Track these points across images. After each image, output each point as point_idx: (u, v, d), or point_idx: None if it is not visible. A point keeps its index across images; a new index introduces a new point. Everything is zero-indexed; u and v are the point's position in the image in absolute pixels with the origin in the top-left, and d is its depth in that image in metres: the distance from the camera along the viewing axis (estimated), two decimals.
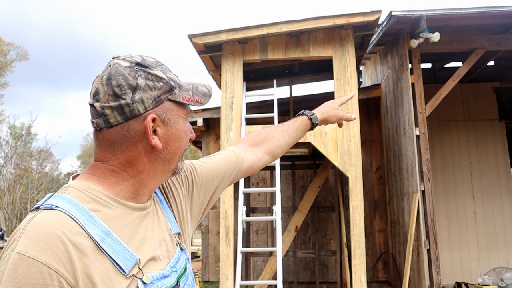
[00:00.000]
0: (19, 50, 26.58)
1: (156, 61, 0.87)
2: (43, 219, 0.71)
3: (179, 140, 0.88)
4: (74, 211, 0.74)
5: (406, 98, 5.62)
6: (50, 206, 0.73)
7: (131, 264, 0.76)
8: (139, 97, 0.81)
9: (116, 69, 0.82)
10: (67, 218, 0.72)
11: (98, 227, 0.75)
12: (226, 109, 5.37)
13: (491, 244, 6.82)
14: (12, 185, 17.89)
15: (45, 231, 0.69)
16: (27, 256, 0.66)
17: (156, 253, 0.84)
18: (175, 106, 0.86)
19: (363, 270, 4.82)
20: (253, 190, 6.20)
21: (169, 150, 0.86)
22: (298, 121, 1.28)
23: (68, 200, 0.75)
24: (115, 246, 0.75)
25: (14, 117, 37.48)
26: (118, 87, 0.81)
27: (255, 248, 6.62)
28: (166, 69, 0.87)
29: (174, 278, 0.85)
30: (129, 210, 0.83)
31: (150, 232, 0.86)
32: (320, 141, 5.14)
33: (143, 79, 0.82)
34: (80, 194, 0.78)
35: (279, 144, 1.24)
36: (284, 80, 7.56)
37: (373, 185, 7.42)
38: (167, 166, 0.88)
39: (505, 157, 7.14)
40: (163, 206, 0.96)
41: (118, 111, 0.81)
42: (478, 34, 5.57)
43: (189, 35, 5.36)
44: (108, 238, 0.75)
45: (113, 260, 0.74)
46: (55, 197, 0.76)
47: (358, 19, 5.22)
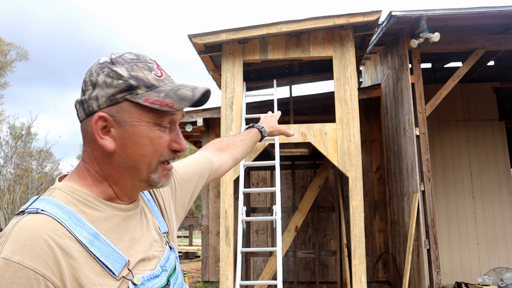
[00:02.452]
0: (19, 50, 26.58)
1: (136, 58, 0.81)
2: (28, 223, 0.69)
3: (140, 147, 0.79)
4: (61, 214, 0.72)
5: (406, 98, 5.62)
6: (36, 210, 0.71)
7: (121, 266, 0.76)
8: (95, 94, 0.78)
9: (92, 65, 0.81)
10: (53, 221, 0.70)
11: (86, 230, 0.73)
12: (226, 109, 5.37)
13: (491, 244, 6.82)
14: (12, 185, 17.89)
15: (30, 235, 0.67)
16: (13, 261, 0.64)
17: (146, 253, 0.83)
18: (135, 108, 0.78)
19: (363, 270, 4.81)
20: (253, 190, 6.20)
21: (128, 155, 0.79)
22: (251, 132, 1.43)
23: (54, 203, 0.73)
24: (104, 249, 0.74)
25: (14, 117, 37.49)
26: (84, 82, 0.81)
27: (255, 248, 6.62)
28: (138, 68, 0.80)
29: (165, 277, 0.85)
30: (115, 211, 0.81)
31: (139, 233, 0.85)
32: (320, 141, 5.14)
33: (104, 75, 0.78)
34: (66, 196, 0.76)
35: (239, 151, 1.36)
36: (284, 80, 7.56)
37: (373, 185, 7.42)
38: (133, 173, 0.80)
39: (505, 157, 7.14)
40: (151, 205, 0.96)
41: (82, 106, 0.80)
42: (478, 34, 5.57)
43: (189, 35, 5.36)
44: (96, 241, 0.74)
45: (102, 263, 0.73)
46: (41, 200, 0.74)
47: (358, 19, 5.22)
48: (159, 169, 0.82)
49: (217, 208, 7.40)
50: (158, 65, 0.85)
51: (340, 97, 5.22)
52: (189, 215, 12.96)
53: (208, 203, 7.69)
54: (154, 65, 0.83)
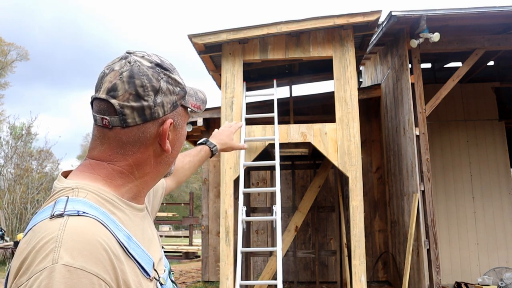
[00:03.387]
0: (19, 50, 26.60)
1: (170, 63, 0.87)
2: (78, 227, 0.66)
3: (181, 144, 0.89)
4: (100, 217, 0.71)
5: (406, 98, 5.62)
6: (77, 212, 0.69)
7: (150, 266, 0.77)
8: (161, 100, 0.80)
9: (138, 67, 0.79)
10: (100, 224, 0.69)
11: (121, 232, 0.73)
12: (226, 109, 5.37)
13: (491, 244, 6.82)
14: (12, 185, 17.88)
15: (86, 239, 0.65)
16: (76, 267, 0.62)
17: (160, 254, 0.87)
18: (184, 111, 0.87)
19: (363, 270, 4.82)
20: (253, 190, 6.20)
21: (173, 153, 0.87)
22: (202, 151, 1.44)
23: (89, 205, 0.72)
24: (137, 250, 0.75)
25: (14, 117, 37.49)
26: (142, 87, 0.78)
27: (255, 248, 6.62)
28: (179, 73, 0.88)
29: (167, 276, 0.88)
30: (135, 212, 0.82)
31: (151, 233, 0.87)
32: (320, 141, 5.14)
33: (164, 82, 0.81)
34: (95, 197, 0.75)
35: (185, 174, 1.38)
36: (284, 80, 7.56)
37: (373, 185, 7.43)
38: (167, 168, 0.88)
39: (505, 157, 7.14)
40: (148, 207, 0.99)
41: (139, 112, 0.78)
42: (478, 34, 5.57)
43: (189, 35, 5.36)
44: (131, 242, 0.74)
45: (138, 264, 0.74)
46: (74, 201, 0.71)
47: (358, 19, 5.22)
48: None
49: (217, 208, 7.40)
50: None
51: (340, 97, 5.22)
52: (189, 215, 12.96)
53: (208, 203, 7.69)
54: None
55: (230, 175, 5.15)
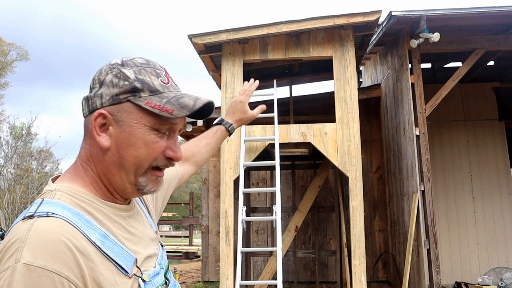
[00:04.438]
0: (19, 50, 26.60)
1: (145, 63, 0.84)
2: (44, 226, 0.68)
3: (134, 149, 0.79)
4: (71, 217, 0.72)
5: (406, 98, 5.62)
6: (46, 214, 0.70)
7: (131, 264, 0.78)
8: (100, 92, 0.80)
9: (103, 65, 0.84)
10: (67, 224, 0.70)
11: (96, 231, 0.74)
12: (226, 109, 5.36)
13: (491, 244, 6.82)
14: (12, 185, 17.89)
15: (49, 238, 0.67)
16: (36, 266, 0.64)
17: (148, 251, 0.86)
18: (137, 110, 0.79)
19: (363, 270, 4.82)
20: (253, 190, 6.20)
21: (120, 154, 0.80)
22: (218, 132, 1.39)
23: (62, 206, 0.73)
24: (115, 248, 0.76)
25: (14, 117, 37.48)
26: (92, 80, 0.83)
27: (255, 248, 6.62)
28: (146, 72, 0.82)
29: (162, 274, 0.88)
30: (117, 211, 0.83)
31: (139, 232, 0.87)
32: (320, 141, 5.14)
33: (112, 75, 0.80)
34: (70, 198, 0.76)
35: (203, 157, 1.35)
36: (284, 80, 7.56)
37: (373, 185, 7.43)
38: (123, 174, 0.81)
39: (505, 157, 7.14)
40: (142, 205, 0.98)
41: (87, 102, 0.83)
42: (478, 34, 5.57)
43: (189, 35, 5.36)
44: (107, 241, 0.75)
45: (115, 262, 0.74)
46: (47, 203, 0.73)
47: (358, 19, 5.22)
48: (148, 174, 0.83)
49: (217, 208, 7.40)
50: (166, 73, 0.87)
51: (340, 97, 5.22)
52: (189, 215, 12.96)
53: (208, 203, 7.69)
54: (163, 72, 0.85)
55: (230, 175, 5.15)
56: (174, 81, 0.87)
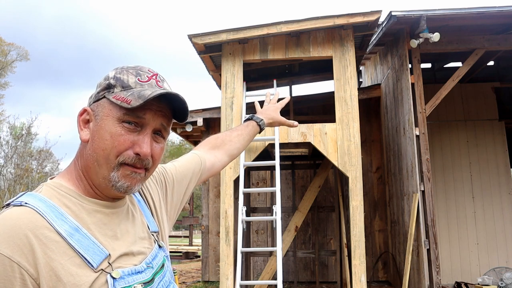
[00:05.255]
0: (19, 50, 26.60)
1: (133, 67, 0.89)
2: (10, 214, 0.74)
3: (101, 140, 0.82)
4: (43, 208, 0.76)
5: (406, 98, 5.62)
6: (20, 203, 0.76)
7: (100, 258, 0.78)
8: (92, 93, 0.89)
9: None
10: (34, 213, 0.75)
11: (67, 223, 0.77)
12: (226, 109, 5.37)
13: (491, 244, 6.82)
14: (12, 185, 17.90)
15: (10, 224, 0.72)
16: None
17: (129, 249, 0.85)
18: (109, 104, 0.84)
19: (363, 270, 4.82)
20: (253, 190, 6.20)
21: (93, 148, 0.83)
22: (249, 126, 1.40)
23: (38, 198, 0.78)
24: (84, 241, 0.77)
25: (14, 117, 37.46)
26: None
27: (255, 248, 6.62)
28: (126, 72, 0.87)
29: (150, 274, 0.86)
30: (98, 208, 0.85)
31: (123, 229, 0.87)
32: (320, 141, 5.14)
33: (102, 78, 0.89)
34: (52, 192, 0.81)
35: (235, 146, 1.35)
36: (284, 80, 7.56)
37: (373, 185, 7.43)
38: (97, 168, 0.83)
39: (505, 157, 7.14)
40: (141, 205, 0.98)
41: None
42: (477, 34, 5.57)
43: (189, 35, 5.37)
44: (77, 234, 0.77)
45: (81, 255, 0.76)
46: (27, 195, 0.79)
47: (358, 19, 5.22)
48: (120, 169, 0.83)
49: (217, 208, 7.40)
50: (156, 76, 0.88)
51: (340, 97, 5.22)
52: (189, 215, 12.96)
53: (208, 203, 7.69)
54: (149, 74, 0.88)
55: (230, 175, 5.15)
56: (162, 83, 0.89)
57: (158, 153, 0.88)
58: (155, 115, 0.85)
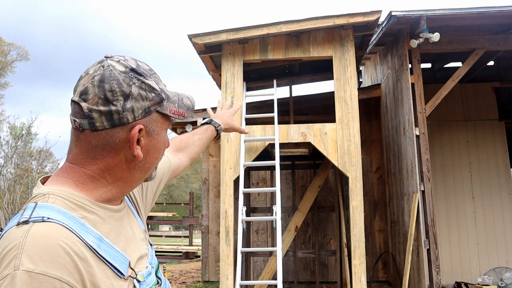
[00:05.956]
0: (19, 50, 26.60)
1: (149, 68, 0.85)
2: (40, 232, 0.68)
3: (158, 151, 0.87)
4: (67, 221, 0.72)
5: (406, 98, 5.62)
6: (42, 218, 0.70)
7: (125, 266, 0.78)
8: (130, 105, 0.79)
9: (110, 71, 0.79)
10: (64, 229, 0.70)
11: (91, 234, 0.74)
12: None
13: (491, 244, 6.82)
14: (12, 185, 17.90)
15: (48, 244, 0.66)
16: (37, 273, 0.63)
17: (140, 252, 0.87)
18: (161, 117, 0.85)
19: (363, 270, 4.82)
20: (253, 190, 6.20)
21: (148, 160, 0.85)
22: (209, 130, 1.45)
23: (56, 210, 0.73)
24: (110, 251, 0.76)
25: (14, 117, 37.45)
26: (111, 92, 0.78)
27: (255, 248, 6.62)
28: (158, 79, 0.86)
29: (153, 273, 0.88)
30: (110, 213, 0.83)
31: (131, 232, 0.88)
32: (320, 141, 5.14)
33: (136, 87, 0.80)
34: (65, 202, 0.76)
35: (196, 150, 1.39)
36: (284, 80, 7.56)
37: (373, 185, 7.43)
38: (143, 175, 0.88)
39: (505, 157, 7.14)
40: (130, 205, 0.98)
41: (107, 116, 0.78)
42: (477, 34, 5.57)
43: (189, 35, 5.37)
44: (102, 244, 0.75)
45: (111, 265, 0.75)
46: (41, 207, 0.73)
47: (358, 19, 5.22)
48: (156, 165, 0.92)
49: (217, 208, 7.40)
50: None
51: (340, 97, 5.22)
52: (189, 215, 12.96)
53: (208, 203, 7.69)
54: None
55: (230, 175, 5.15)
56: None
57: None
58: None
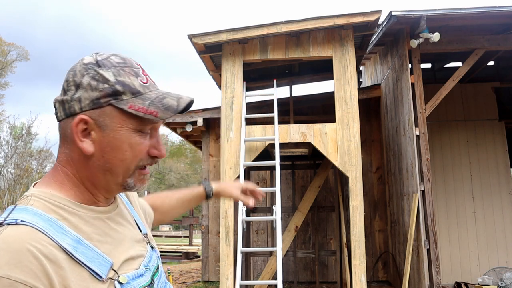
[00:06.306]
0: (19, 50, 26.62)
1: (122, 62, 0.81)
2: (10, 236, 0.67)
3: (120, 152, 0.79)
4: (41, 223, 0.71)
5: (406, 98, 5.63)
6: (15, 221, 0.69)
7: (106, 268, 0.76)
8: (78, 95, 0.77)
9: (75, 64, 0.81)
10: (35, 231, 0.69)
11: (69, 236, 0.73)
12: (226, 109, 5.37)
13: (491, 244, 6.82)
14: (12, 185, 17.91)
15: (15, 248, 0.66)
16: (0, 276, 0.63)
17: (129, 253, 0.84)
18: (119, 113, 0.78)
19: (363, 270, 4.82)
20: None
21: (106, 159, 0.79)
22: (195, 191, 1.36)
23: (33, 212, 0.72)
24: (88, 253, 0.74)
25: (14, 117, 37.47)
26: (66, 82, 0.80)
27: (255, 248, 6.62)
28: (125, 73, 0.80)
29: (149, 276, 0.86)
30: (95, 214, 0.81)
31: (120, 234, 0.85)
32: (320, 141, 5.14)
33: (89, 77, 0.78)
34: (44, 204, 0.75)
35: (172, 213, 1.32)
36: (284, 80, 7.56)
37: (373, 185, 7.43)
38: (110, 177, 0.81)
39: (505, 157, 7.15)
40: (129, 207, 0.97)
41: (62, 106, 0.79)
42: (477, 34, 5.57)
43: (189, 35, 5.37)
44: (80, 246, 0.73)
45: (88, 268, 0.73)
46: (18, 209, 0.72)
47: (358, 19, 5.22)
48: (135, 174, 0.83)
49: (217, 208, 7.40)
50: (143, 71, 0.84)
51: (340, 97, 5.23)
52: (189, 215, 12.96)
53: (208, 203, 7.69)
54: (140, 70, 0.83)
55: (230, 175, 5.15)
56: (152, 79, 0.85)
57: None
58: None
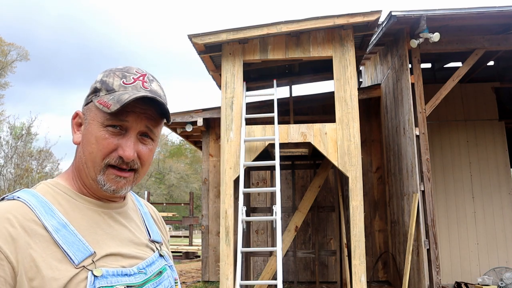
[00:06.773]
0: (19, 50, 26.60)
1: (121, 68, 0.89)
2: (2, 207, 0.78)
3: (89, 144, 0.85)
4: (34, 202, 0.80)
5: (406, 98, 5.63)
6: (13, 197, 0.81)
7: (84, 255, 0.79)
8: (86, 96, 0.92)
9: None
10: (24, 206, 0.79)
11: (55, 219, 0.80)
12: (226, 109, 5.37)
13: (491, 244, 6.82)
14: (12, 185, 17.90)
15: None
16: None
17: (118, 250, 0.85)
18: (94, 108, 0.86)
19: (363, 270, 4.82)
20: (253, 190, 6.20)
21: (83, 151, 0.87)
22: None
23: (31, 193, 0.83)
24: (69, 238, 0.79)
25: (14, 117, 37.44)
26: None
27: (255, 248, 6.62)
28: (113, 75, 0.87)
29: (141, 279, 0.86)
30: (92, 206, 0.88)
31: (115, 231, 0.89)
32: (320, 141, 5.14)
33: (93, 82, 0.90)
34: (46, 189, 0.85)
35: None
36: (284, 80, 7.56)
37: (373, 185, 7.43)
38: (87, 171, 0.86)
39: (505, 157, 7.15)
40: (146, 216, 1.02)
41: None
42: (478, 34, 5.57)
43: (189, 35, 5.37)
44: (63, 230, 0.80)
45: (63, 250, 0.78)
46: (22, 191, 0.84)
47: (358, 19, 5.22)
48: (106, 172, 0.85)
49: (217, 208, 7.40)
50: (144, 77, 0.87)
51: (340, 97, 5.23)
52: (189, 215, 12.96)
53: (208, 203, 7.69)
54: (135, 75, 0.87)
55: (230, 175, 5.15)
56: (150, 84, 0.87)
57: (146, 154, 0.89)
58: (138, 117, 0.85)
